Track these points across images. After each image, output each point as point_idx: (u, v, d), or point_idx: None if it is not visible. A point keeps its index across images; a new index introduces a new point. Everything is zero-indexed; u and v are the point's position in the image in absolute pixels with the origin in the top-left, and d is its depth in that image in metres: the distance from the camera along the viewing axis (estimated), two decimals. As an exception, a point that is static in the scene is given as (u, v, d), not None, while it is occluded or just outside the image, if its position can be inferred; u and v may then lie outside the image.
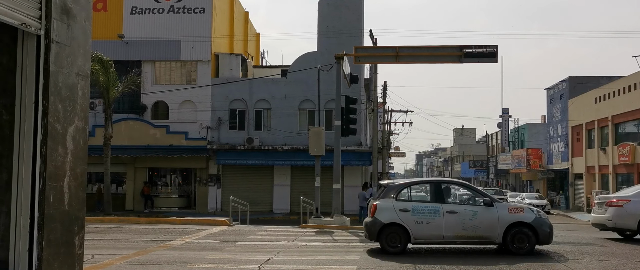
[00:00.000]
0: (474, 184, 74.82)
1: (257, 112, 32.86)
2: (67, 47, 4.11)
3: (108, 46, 30.94)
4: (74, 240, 4.25)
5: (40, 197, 3.87)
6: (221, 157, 32.10)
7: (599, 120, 38.49)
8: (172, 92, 32.49)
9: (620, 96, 35.61)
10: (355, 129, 23.55)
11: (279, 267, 10.73)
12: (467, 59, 21.20)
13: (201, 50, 32.96)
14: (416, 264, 11.10)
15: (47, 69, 3.91)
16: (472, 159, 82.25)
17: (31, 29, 3.81)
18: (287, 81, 32.36)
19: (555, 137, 48.55)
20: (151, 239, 15.45)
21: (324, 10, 32.06)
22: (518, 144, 61.24)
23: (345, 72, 23.27)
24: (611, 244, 15.53)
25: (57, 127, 3.99)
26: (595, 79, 43.07)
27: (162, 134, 32.24)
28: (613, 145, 36.15)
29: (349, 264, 11.19)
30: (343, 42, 28.91)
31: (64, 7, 4.07)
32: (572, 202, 44.02)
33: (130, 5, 33.37)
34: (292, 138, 31.80)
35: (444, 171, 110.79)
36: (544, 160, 51.56)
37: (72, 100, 4.16)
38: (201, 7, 32.94)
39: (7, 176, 3.99)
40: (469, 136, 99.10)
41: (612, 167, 36.34)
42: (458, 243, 12.99)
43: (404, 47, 22.31)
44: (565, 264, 11.40)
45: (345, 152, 27.52)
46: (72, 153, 4.17)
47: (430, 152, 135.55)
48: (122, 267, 10.56)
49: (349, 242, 15.76)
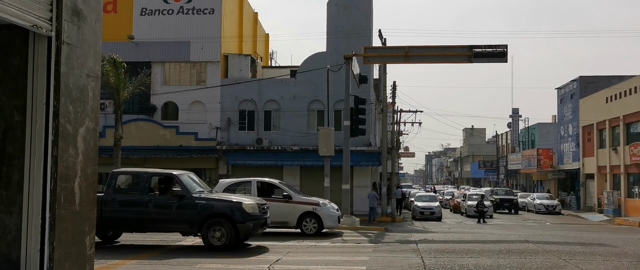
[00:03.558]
0: (483, 184, 74.54)
1: (266, 113, 32.89)
2: (78, 48, 4.13)
3: (118, 47, 31.07)
4: (84, 240, 4.27)
5: (51, 197, 3.90)
6: (231, 158, 32.16)
7: (610, 119, 38.19)
8: (181, 93, 32.59)
9: (631, 96, 35.31)
10: (365, 129, 23.52)
11: (288, 267, 10.74)
12: (477, 58, 21.11)
13: (210, 51, 33.04)
14: (425, 263, 11.07)
15: (58, 70, 3.93)
16: (482, 159, 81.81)
17: (42, 30, 3.84)
18: (297, 82, 32.36)
19: (566, 137, 48.22)
20: (161, 239, 15.51)
21: (333, 10, 32.04)
22: (528, 144, 60.87)
23: (355, 73, 23.25)
24: (623, 245, 15.42)
25: (68, 128, 4.01)
26: (607, 79, 42.71)
27: (172, 134, 32.36)
28: (624, 145, 35.85)
29: (358, 264, 11.18)
30: (352, 43, 28.86)
31: (75, 8, 4.10)
32: (583, 203, 43.70)
33: (140, 7, 33.52)
34: (302, 138, 31.80)
35: (453, 171, 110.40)
36: (554, 160, 51.21)
37: (82, 101, 4.19)
38: (210, 8, 33.03)
39: (19, 177, 4.02)
40: (478, 136, 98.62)
41: (623, 167, 36.03)
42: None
43: (414, 47, 22.26)
44: (576, 264, 11.33)
45: (355, 153, 27.48)
46: (83, 154, 4.19)
47: (439, 153, 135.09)
48: (132, 267, 10.61)
49: (359, 242, 15.75)
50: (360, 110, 22.64)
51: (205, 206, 13.34)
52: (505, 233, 19.82)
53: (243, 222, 13.13)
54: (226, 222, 13.11)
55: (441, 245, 14.82)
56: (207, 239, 13.12)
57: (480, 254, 12.76)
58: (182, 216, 13.42)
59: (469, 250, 13.46)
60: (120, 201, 13.85)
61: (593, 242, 16.23)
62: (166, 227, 14.10)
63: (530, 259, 12.03)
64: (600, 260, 12.11)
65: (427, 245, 14.53)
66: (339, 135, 25.28)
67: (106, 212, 13.41)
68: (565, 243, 15.90)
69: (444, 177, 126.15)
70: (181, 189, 13.62)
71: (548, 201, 40.46)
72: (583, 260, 11.93)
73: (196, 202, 13.38)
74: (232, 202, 13.58)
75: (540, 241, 16.26)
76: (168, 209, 13.58)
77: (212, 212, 13.25)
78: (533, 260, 11.84)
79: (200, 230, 13.22)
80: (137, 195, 13.91)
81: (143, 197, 13.73)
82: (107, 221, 13.52)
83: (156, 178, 14.53)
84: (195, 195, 13.58)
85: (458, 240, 16.58)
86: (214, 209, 13.29)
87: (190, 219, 13.29)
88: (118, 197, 13.88)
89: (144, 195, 13.76)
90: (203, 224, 13.18)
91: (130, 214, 13.68)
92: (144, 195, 13.76)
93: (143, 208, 13.62)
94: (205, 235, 13.13)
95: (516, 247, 14.39)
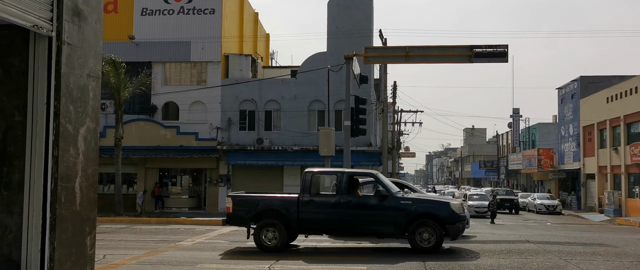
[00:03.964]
0: (484, 184, 74.56)
1: (267, 113, 32.90)
2: (79, 48, 4.13)
3: (118, 47, 31.09)
4: (85, 240, 4.27)
5: (52, 197, 3.90)
6: (231, 158, 32.17)
7: (611, 119, 38.16)
8: (182, 93, 32.60)
9: (632, 95, 35.29)
10: (365, 129, 23.49)
11: (289, 267, 10.74)
12: (478, 58, 21.08)
13: (211, 51, 33.05)
14: (426, 263, 11.07)
15: (59, 70, 3.94)
16: (482, 159, 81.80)
17: (43, 30, 3.84)
18: (297, 82, 32.38)
19: (567, 137, 48.20)
20: (162, 240, 15.52)
21: (334, 10, 32.05)
22: (529, 144, 60.86)
23: (355, 73, 23.23)
24: (623, 245, 15.41)
25: (69, 128, 4.01)
26: (607, 79, 42.68)
27: (173, 134, 32.37)
28: (625, 145, 35.83)
29: (359, 264, 11.18)
30: (353, 43, 28.87)
31: (76, 9, 4.10)
32: (584, 203, 43.66)
33: (141, 7, 33.53)
34: (302, 138, 31.81)
35: (454, 171, 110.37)
36: (555, 160, 51.18)
37: (83, 102, 4.19)
38: (211, 8, 33.04)
39: (20, 177, 4.02)
40: (479, 136, 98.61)
41: (624, 167, 36.01)
42: None
43: (414, 47, 22.24)
44: (577, 264, 11.32)
45: (355, 153, 27.48)
46: (84, 154, 4.19)
47: (440, 153, 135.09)
48: (133, 267, 10.61)
49: (359, 242, 15.74)
50: (360, 110, 22.61)
51: (411, 206, 12.82)
52: (506, 233, 19.80)
53: (452, 222, 12.74)
54: (434, 223, 12.65)
55: (442, 245, 14.80)
56: (414, 241, 12.63)
57: (481, 254, 12.76)
58: (386, 218, 12.84)
59: (470, 250, 13.45)
60: (317, 202, 13.23)
61: (594, 242, 16.22)
62: (368, 229, 13.26)
63: (531, 259, 12.02)
64: (601, 260, 12.10)
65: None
66: (340, 135, 25.27)
67: (303, 214, 13.00)
68: (566, 243, 15.89)
69: (445, 177, 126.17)
70: (384, 189, 13.16)
71: (549, 201, 40.41)
72: (584, 260, 11.92)
73: (401, 202, 12.88)
74: (439, 201, 13.25)
75: (541, 241, 16.25)
76: (370, 211, 12.99)
77: (419, 212, 12.74)
78: (534, 260, 11.83)
79: (406, 232, 12.73)
80: (335, 196, 13.33)
81: (342, 197, 13.10)
82: (304, 223, 13.08)
83: (355, 177, 13.93)
84: (399, 195, 13.15)
85: (459, 240, 16.55)
86: (421, 210, 12.79)
87: (395, 220, 12.78)
88: (315, 199, 13.27)
89: (343, 196, 13.11)
90: (409, 225, 12.69)
91: (328, 216, 13.09)
92: (342, 196, 13.12)
93: (342, 209, 12.97)
94: (412, 238, 12.65)
95: (517, 247, 14.38)
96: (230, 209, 13.54)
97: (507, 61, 21.24)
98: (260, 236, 13.00)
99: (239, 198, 13.90)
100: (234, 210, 13.48)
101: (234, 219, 13.68)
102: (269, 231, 13.02)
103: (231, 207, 13.52)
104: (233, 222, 13.91)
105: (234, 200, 13.67)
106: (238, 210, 13.44)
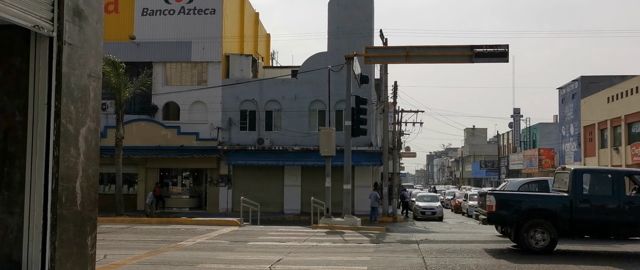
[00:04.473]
0: (485, 184, 74.56)
1: (267, 113, 32.89)
2: (79, 48, 4.14)
3: (119, 47, 31.11)
4: (86, 240, 4.27)
5: (52, 197, 3.90)
6: (232, 158, 32.17)
7: (611, 119, 38.15)
8: (183, 93, 32.61)
9: (633, 95, 35.28)
10: (366, 129, 23.51)
11: (289, 267, 10.74)
12: (478, 58, 21.10)
13: (212, 51, 33.05)
14: (427, 263, 11.07)
15: (60, 70, 3.94)
16: (483, 159, 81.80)
17: (44, 31, 3.84)
18: (298, 82, 32.37)
19: (568, 137, 48.18)
20: (163, 240, 15.51)
21: (334, 10, 32.04)
22: (530, 144, 60.85)
23: (356, 73, 23.24)
24: (627, 246, 15.39)
25: (70, 128, 4.02)
26: (608, 79, 42.69)
27: (173, 134, 32.38)
28: (626, 145, 35.82)
29: (359, 265, 11.18)
30: (353, 43, 28.86)
31: (76, 9, 4.10)
32: (585, 203, 43.63)
33: (141, 7, 33.54)
34: (303, 138, 31.80)
35: (455, 171, 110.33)
36: (556, 160, 51.17)
37: (84, 102, 4.19)
38: (212, 8, 33.03)
39: (21, 177, 4.02)
40: (480, 136, 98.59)
41: (625, 167, 36.00)
42: None
43: (415, 47, 22.25)
44: (578, 264, 11.32)
45: (356, 153, 27.47)
46: (85, 154, 4.19)
47: (441, 152, 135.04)
48: (134, 267, 10.61)
49: (360, 242, 15.73)
50: (361, 110, 22.63)
51: None
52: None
53: None
54: None
55: (443, 245, 14.80)
56: None
57: (481, 254, 12.75)
58: None
59: (471, 250, 13.45)
60: (592, 204, 12.65)
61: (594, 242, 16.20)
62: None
63: (532, 258, 12.01)
64: (602, 259, 12.10)
65: (429, 245, 14.52)
66: (340, 136, 25.28)
67: (576, 215, 12.49)
68: (569, 243, 15.88)
69: (446, 177, 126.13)
70: None
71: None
72: (585, 260, 11.92)
73: None
74: None
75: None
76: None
77: None
78: (535, 259, 11.82)
79: None
80: (612, 197, 12.68)
81: (620, 198, 12.53)
82: (577, 225, 12.55)
83: (636, 176, 13.20)
84: None
85: (459, 240, 16.55)
86: None
87: None
88: (590, 199, 12.69)
89: (622, 197, 12.54)
90: None
91: (604, 217, 12.58)
92: (621, 197, 12.55)
93: (620, 211, 12.46)
94: None
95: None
96: (493, 207, 12.93)
97: (507, 61, 21.26)
98: (526, 237, 12.54)
99: (503, 197, 13.37)
100: (496, 210, 12.88)
101: (497, 219, 13.19)
102: (537, 232, 12.56)
103: (494, 206, 12.91)
104: (495, 222, 13.41)
105: (498, 199, 13.09)
106: (501, 210, 12.87)
